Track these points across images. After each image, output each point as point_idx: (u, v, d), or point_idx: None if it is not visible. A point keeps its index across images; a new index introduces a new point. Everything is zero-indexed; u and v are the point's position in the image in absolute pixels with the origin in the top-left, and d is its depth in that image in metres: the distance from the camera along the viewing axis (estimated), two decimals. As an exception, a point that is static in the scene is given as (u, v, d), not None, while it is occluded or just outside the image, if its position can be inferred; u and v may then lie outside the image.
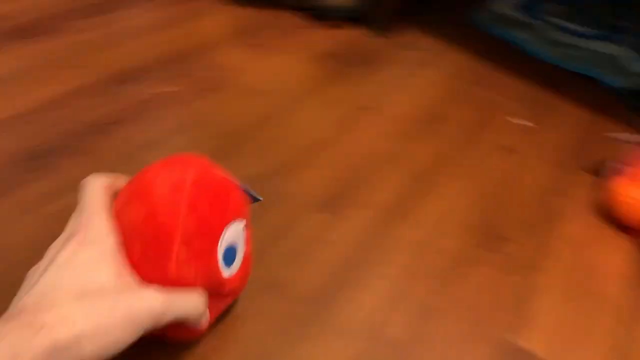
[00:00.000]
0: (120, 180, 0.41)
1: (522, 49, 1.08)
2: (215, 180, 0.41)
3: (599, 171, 0.74)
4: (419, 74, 0.90)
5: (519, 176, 0.72)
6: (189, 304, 0.37)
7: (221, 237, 0.39)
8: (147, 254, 0.36)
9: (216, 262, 0.39)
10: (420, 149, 0.73)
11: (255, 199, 0.46)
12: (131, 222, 0.37)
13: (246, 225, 0.43)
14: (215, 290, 0.40)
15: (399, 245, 0.58)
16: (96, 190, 0.39)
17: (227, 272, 0.41)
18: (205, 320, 0.40)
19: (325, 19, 0.96)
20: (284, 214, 0.59)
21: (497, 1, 1.24)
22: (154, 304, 0.34)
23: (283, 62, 0.87)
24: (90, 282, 0.33)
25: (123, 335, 0.33)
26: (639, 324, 0.55)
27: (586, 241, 0.64)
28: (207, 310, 0.40)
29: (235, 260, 0.42)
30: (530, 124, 0.83)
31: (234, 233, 0.41)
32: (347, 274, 0.54)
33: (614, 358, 0.51)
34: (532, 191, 0.71)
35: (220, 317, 0.45)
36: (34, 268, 0.37)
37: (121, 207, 0.38)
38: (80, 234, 0.36)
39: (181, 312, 0.36)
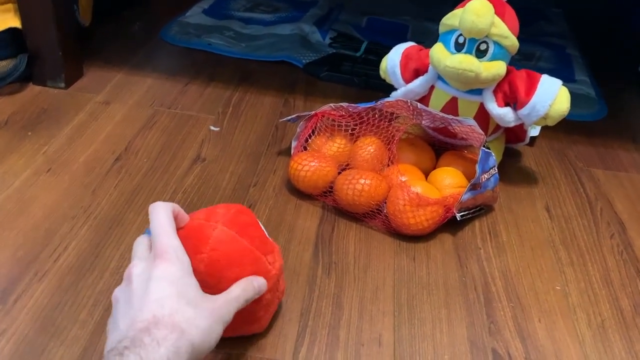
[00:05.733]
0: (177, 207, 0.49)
1: (217, 52, 1.12)
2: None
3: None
4: (103, 114, 0.89)
5: (213, 181, 0.77)
6: (249, 290, 0.48)
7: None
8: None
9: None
10: (105, 194, 0.72)
11: None
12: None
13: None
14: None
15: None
16: (166, 216, 0.46)
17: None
18: (264, 289, 0.50)
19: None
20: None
21: (186, 13, 1.27)
22: (233, 304, 0.46)
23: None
24: (192, 295, 0.43)
25: (220, 330, 0.44)
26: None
27: (284, 212, 0.71)
28: (263, 282, 0.50)
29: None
30: (217, 129, 0.88)
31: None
32: None
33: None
34: (228, 189, 0.75)
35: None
36: (121, 288, 0.44)
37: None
38: (168, 256, 0.43)
39: (248, 297, 0.48)
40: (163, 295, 0.41)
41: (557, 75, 0.76)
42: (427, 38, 1.27)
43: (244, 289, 0.47)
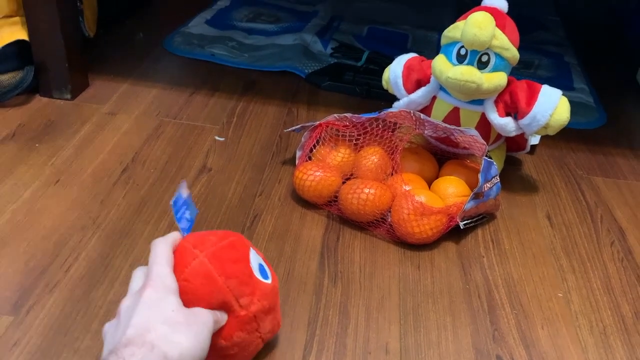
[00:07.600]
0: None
1: (220, 63, 1.13)
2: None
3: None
4: (109, 125, 0.90)
5: (219, 191, 0.78)
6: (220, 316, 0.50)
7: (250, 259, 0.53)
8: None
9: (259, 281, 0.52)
10: (114, 205, 0.74)
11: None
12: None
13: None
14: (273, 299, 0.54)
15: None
16: (164, 250, 0.50)
17: (268, 281, 0.53)
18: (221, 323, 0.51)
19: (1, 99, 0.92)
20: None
21: (189, 23, 1.29)
22: (211, 316, 0.48)
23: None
24: (169, 314, 0.45)
25: (205, 342, 0.46)
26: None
27: (289, 222, 0.72)
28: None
29: (267, 271, 0.54)
30: (222, 139, 0.89)
31: (254, 255, 0.54)
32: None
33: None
34: (234, 199, 0.76)
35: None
36: (111, 322, 0.47)
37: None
38: (154, 283, 0.47)
39: (220, 322, 0.50)
40: (140, 319, 0.43)
41: (555, 83, 0.78)
42: (427, 47, 1.29)
43: (214, 313, 0.50)
